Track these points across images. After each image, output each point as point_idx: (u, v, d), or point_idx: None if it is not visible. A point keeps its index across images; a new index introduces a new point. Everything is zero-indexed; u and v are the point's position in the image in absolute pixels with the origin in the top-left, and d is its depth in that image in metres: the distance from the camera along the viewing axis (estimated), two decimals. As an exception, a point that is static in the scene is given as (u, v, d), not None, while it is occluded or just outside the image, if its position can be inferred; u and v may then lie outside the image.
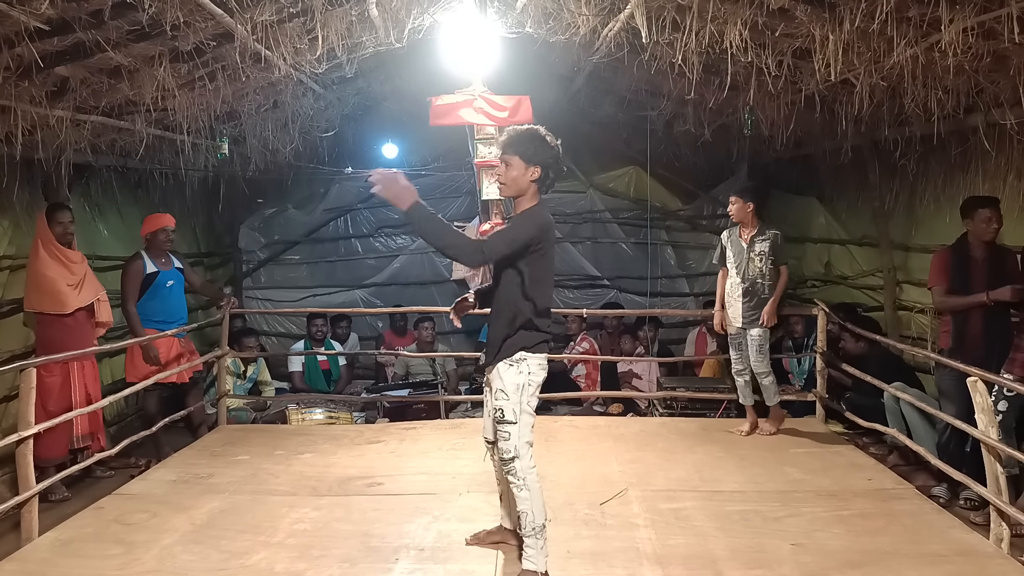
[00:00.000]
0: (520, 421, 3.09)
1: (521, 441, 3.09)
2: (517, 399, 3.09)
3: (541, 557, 3.11)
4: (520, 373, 3.10)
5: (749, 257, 5.11)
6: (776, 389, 5.25)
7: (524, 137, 3.12)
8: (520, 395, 3.09)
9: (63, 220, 4.82)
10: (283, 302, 8.76)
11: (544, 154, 3.10)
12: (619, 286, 8.74)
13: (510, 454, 3.09)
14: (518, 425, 3.09)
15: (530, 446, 3.13)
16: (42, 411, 4.22)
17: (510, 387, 3.10)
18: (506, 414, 3.09)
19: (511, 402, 3.09)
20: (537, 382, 3.14)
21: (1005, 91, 3.91)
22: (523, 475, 3.09)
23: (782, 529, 3.70)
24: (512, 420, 3.08)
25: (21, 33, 3.21)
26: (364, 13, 4.09)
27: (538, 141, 3.11)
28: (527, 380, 3.10)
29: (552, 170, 3.14)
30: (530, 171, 3.08)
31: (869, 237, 6.51)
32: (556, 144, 3.14)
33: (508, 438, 3.09)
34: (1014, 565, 3.33)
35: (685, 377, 7.01)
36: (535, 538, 3.09)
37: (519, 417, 3.09)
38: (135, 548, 3.55)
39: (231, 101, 4.98)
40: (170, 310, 5.49)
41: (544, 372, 3.17)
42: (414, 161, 8.56)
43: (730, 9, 3.62)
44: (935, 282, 4.42)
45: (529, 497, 3.09)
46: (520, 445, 3.09)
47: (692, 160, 7.82)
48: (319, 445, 5.18)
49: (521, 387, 3.10)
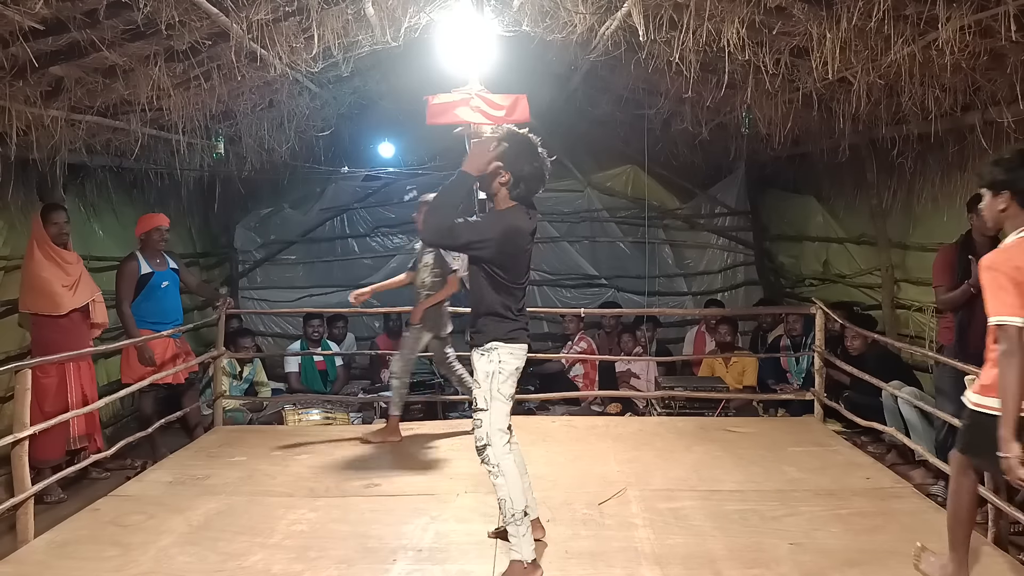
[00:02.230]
0: (491, 408, 3.12)
1: (493, 428, 3.12)
2: (487, 387, 3.13)
3: (526, 545, 3.10)
4: (491, 361, 3.13)
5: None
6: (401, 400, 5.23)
7: (510, 139, 3.14)
8: (490, 383, 3.13)
9: (58, 221, 4.80)
10: (279, 302, 8.74)
11: (520, 165, 3.11)
12: (617, 285, 8.74)
13: (481, 441, 3.14)
14: (489, 412, 3.12)
15: (504, 433, 3.15)
16: (38, 412, 4.19)
17: (481, 375, 3.15)
18: (477, 402, 3.15)
19: (482, 390, 3.14)
20: (509, 370, 3.15)
21: (1002, 89, 3.91)
22: (495, 461, 3.11)
23: (780, 528, 3.70)
24: (483, 407, 3.13)
25: (16, 32, 3.19)
26: (360, 11, 4.08)
27: (520, 151, 3.12)
28: (497, 368, 3.12)
29: (524, 183, 3.14)
30: (503, 175, 3.11)
31: (867, 236, 6.52)
32: (537, 164, 3.13)
33: (480, 425, 3.14)
34: (1012, 563, 3.33)
35: (683, 376, 7.01)
36: (516, 525, 3.10)
37: (490, 404, 3.12)
38: (131, 550, 3.54)
39: (226, 100, 4.97)
40: (165, 311, 5.47)
41: (517, 360, 3.18)
42: (410, 160, 8.55)
43: (727, 7, 3.62)
44: (939, 282, 4.39)
45: (505, 484, 3.10)
46: (492, 432, 3.12)
47: (690, 159, 7.81)
48: (316, 446, 5.16)
49: (491, 375, 3.13)
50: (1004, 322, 2.62)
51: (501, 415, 3.15)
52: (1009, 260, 2.69)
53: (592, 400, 6.80)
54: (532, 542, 3.15)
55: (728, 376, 6.63)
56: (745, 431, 5.38)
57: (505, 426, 3.17)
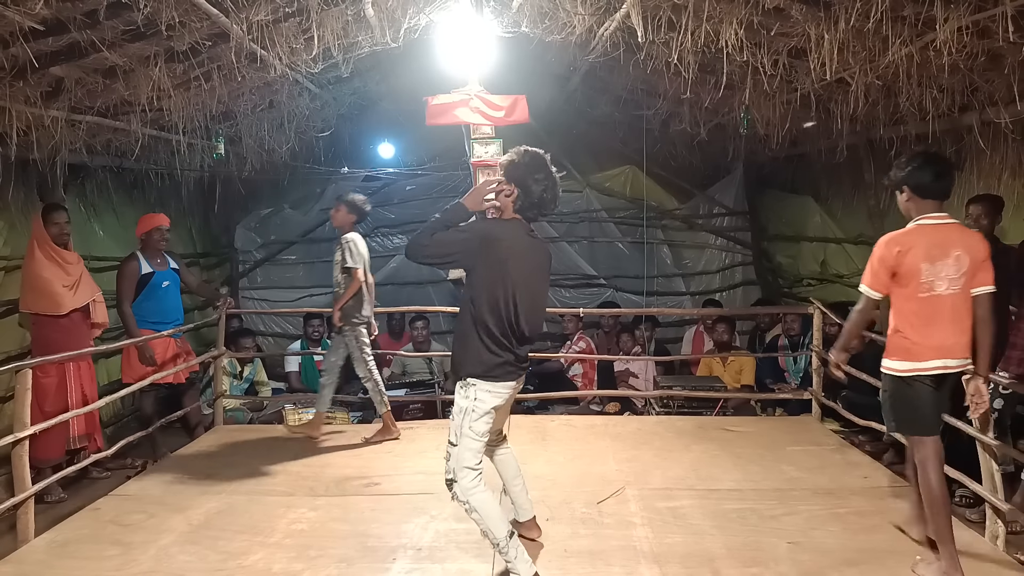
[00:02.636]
0: (460, 444, 3.01)
1: (459, 465, 3.00)
2: (459, 421, 3.02)
3: (521, 564, 3.01)
4: (466, 397, 3.02)
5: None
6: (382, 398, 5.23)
7: (521, 156, 3.12)
8: (463, 418, 3.01)
9: (59, 221, 4.81)
10: (279, 302, 8.75)
11: (526, 180, 3.07)
12: (615, 285, 8.75)
13: (449, 475, 3.05)
14: (458, 448, 3.01)
15: (472, 471, 3.01)
16: (38, 412, 4.20)
17: (456, 408, 3.06)
18: (450, 434, 3.06)
19: (454, 423, 3.04)
20: (484, 408, 3.00)
21: (1000, 90, 3.93)
22: (464, 498, 3.00)
23: (779, 527, 3.71)
24: (452, 442, 3.04)
25: (16, 33, 3.20)
26: (360, 13, 4.09)
27: (528, 166, 3.09)
28: (472, 406, 3.00)
29: (529, 199, 3.09)
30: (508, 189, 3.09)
31: (865, 236, 6.53)
32: (545, 183, 3.09)
33: (448, 459, 3.05)
34: (1010, 562, 3.34)
35: (681, 376, 7.02)
36: (504, 552, 3.00)
37: (459, 440, 3.01)
38: (132, 549, 3.55)
39: (227, 101, 4.98)
40: (166, 310, 5.48)
41: (497, 399, 3.03)
42: (410, 161, 8.56)
43: (726, 8, 3.63)
44: None
45: (480, 518, 3.00)
46: (457, 468, 3.01)
47: (688, 159, 7.83)
48: (316, 445, 5.18)
49: (464, 411, 3.01)
50: (863, 290, 3.33)
51: (470, 453, 3.00)
52: (895, 242, 3.21)
53: (591, 399, 6.81)
54: (526, 559, 3.05)
55: (726, 376, 6.65)
56: (743, 430, 5.39)
57: (474, 463, 3.01)
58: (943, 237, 3.16)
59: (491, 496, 3.07)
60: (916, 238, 3.19)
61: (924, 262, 3.13)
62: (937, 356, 3.14)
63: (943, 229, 3.19)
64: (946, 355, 3.13)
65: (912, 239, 3.19)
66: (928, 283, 3.13)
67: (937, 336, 3.13)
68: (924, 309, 3.15)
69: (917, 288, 3.15)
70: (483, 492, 3.03)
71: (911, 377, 3.19)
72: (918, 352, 3.16)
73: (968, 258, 3.13)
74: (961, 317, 3.16)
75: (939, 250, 3.13)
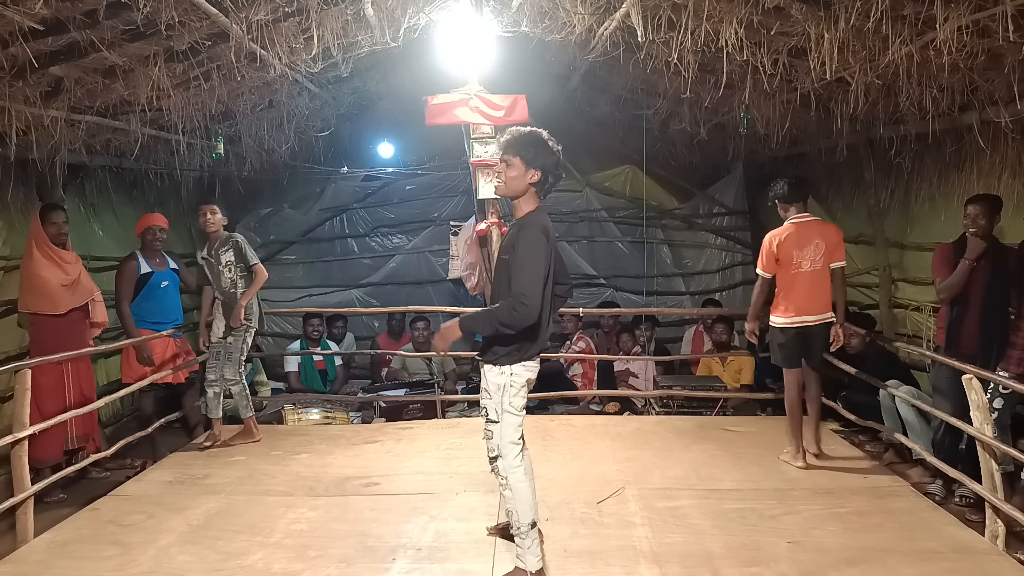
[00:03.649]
0: (502, 421, 3.11)
1: (504, 441, 3.11)
2: (499, 399, 3.11)
3: (531, 556, 3.10)
4: (502, 374, 3.11)
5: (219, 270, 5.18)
6: (248, 401, 5.28)
7: (527, 139, 3.10)
8: (502, 395, 3.11)
9: (57, 220, 4.80)
10: (279, 302, 8.72)
11: (545, 159, 3.09)
12: (615, 285, 8.74)
13: (492, 452, 3.16)
14: (500, 424, 3.12)
15: (515, 445, 3.13)
16: (37, 412, 4.19)
17: (492, 387, 3.13)
18: (489, 413, 3.14)
19: (493, 402, 3.13)
20: (520, 383, 3.12)
21: (1000, 89, 3.92)
22: (505, 474, 3.11)
23: (779, 527, 3.71)
24: (494, 419, 3.13)
25: (15, 33, 3.20)
26: (360, 12, 4.08)
27: (540, 145, 3.10)
28: (509, 381, 3.10)
29: (551, 175, 3.14)
30: (529, 174, 3.08)
31: (864, 235, 6.52)
32: (557, 150, 3.13)
33: (491, 437, 3.15)
34: (1010, 562, 3.34)
35: (681, 375, 7.01)
36: (522, 537, 3.10)
37: (501, 417, 3.11)
38: (131, 549, 3.55)
39: (226, 101, 4.97)
40: (165, 310, 5.48)
41: (530, 372, 3.15)
42: (410, 160, 8.55)
43: (726, 8, 3.62)
44: (937, 273, 4.42)
45: (513, 496, 3.10)
46: (503, 444, 3.12)
47: (688, 159, 7.81)
48: (315, 445, 5.18)
49: (503, 387, 3.10)
50: (759, 273, 4.68)
51: (511, 428, 3.12)
52: (776, 237, 4.53)
53: (591, 399, 6.81)
54: (538, 553, 3.14)
55: (726, 375, 6.64)
56: (743, 430, 5.40)
57: (517, 438, 3.14)
58: (807, 230, 4.50)
59: (530, 481, 3.16)
60: (788, 232, 4.51)
61: (795, 249, 4.46)
62: (798, 314, 4.49)
63: (806, 224, 4.53)
64: (804, 313, 4.48)
65: (786, 233, 4.52)
66: (797, 263, 4.46)
67: (801, 300, 4.48)
68: (794, 281, 4.49)
69: (790, 267, 4.49)
70: (524, 474, 3.13)
71: (782, 328, 4.55)
72: (788, 310, 4.52)
73: (824, 244, 4.45)
74: (819, 286, 4.47)
75: (805, 239, 4.46)
